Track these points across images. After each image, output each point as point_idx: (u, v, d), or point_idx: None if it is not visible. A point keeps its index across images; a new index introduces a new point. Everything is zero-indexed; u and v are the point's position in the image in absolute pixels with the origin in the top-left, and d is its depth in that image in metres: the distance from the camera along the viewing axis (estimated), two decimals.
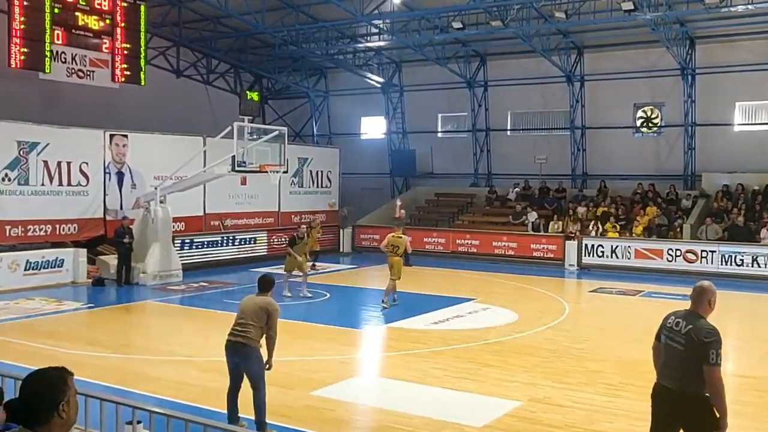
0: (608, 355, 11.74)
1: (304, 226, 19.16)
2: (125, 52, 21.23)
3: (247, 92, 21.47)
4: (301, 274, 17.35)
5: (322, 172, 28.76)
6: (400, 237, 16.48)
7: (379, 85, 31.52)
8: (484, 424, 8.25)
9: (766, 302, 18.40)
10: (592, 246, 23.46)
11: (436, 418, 8.38)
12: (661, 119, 27.22)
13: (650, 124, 27.42)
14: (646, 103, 27.38)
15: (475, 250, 25.77)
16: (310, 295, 17.08)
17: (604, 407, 8.89)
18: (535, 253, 24.59)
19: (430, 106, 31.49)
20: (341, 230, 28.50)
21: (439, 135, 32.09)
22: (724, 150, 25.74)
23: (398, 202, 24.85)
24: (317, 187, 28.55)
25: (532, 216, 26.00)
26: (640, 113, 27.53)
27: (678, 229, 23.67)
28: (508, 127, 30.46)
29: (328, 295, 17.75)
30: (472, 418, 8.41)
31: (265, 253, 24.83)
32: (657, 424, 5.87)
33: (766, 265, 20.93)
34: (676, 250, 22.30)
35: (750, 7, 21.60)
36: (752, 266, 21.14)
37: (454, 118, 31.74)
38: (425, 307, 15.90)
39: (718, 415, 5.48)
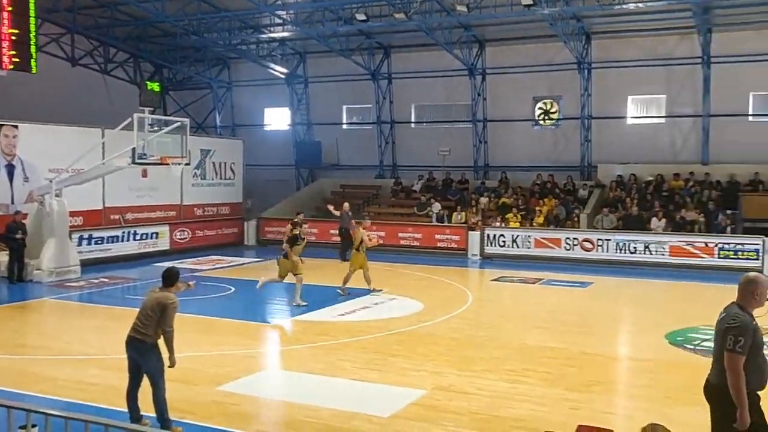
0: (510, 342, 12.07)
1: (302, 223, 17.71)
2: (13, 37, 20.13)
3: (147, 82, 20.91)
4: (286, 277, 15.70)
5: (225, 163, 28.25)
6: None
7: (283, 76, 31.22)
8: (391, 413, 8.34)
9: (657, 288, 19.34)
10: (494, 236, 24.03)
11: (344, 410, 8.41)
12: (559, 112, 28.13)
13: (549, 117, 28.30)
14: (545, 96, 28.23)
15: (381, 242, 25.87)
16: (305, 303, 15.08)
17: (506, 393, 9.14)
18: (439, 244, 24.98)
19: (335, 97, 31.45)
20: (245, 223, 28.13)
21: (345, 127, 32.11)
22: (618, 142, 26.87)
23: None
24: (220, 179, 28.03)
25: (436, 207, 26.40)
26: (539, 106, 28.36)
27: (575, 219, 24.56)
28: (412, 120, 30.79)
29: (233, 289, 17.50)
30: (379, 408, 8.48)
31: (168, 248, 24.24)
32: (712, 420, 5.67)
33: (657, 252, 21.98)
34: (574, 239, 23.13)
35: (641, 5, 22.62)
36: (644, 253, 22.16)
37: (359, 110, 31.81)
38: (331, 299, 15.90)
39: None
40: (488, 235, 24.09)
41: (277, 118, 33.22)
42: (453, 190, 27.90)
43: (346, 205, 23.10)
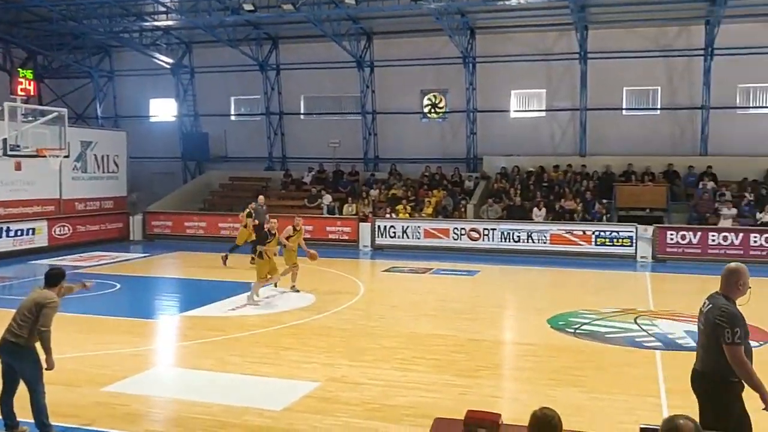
0: (401, 332, 12.28)
1: (272, 219, 16.70)
2: None
3: (20, 70, 19.76)
4: (270, 278, 15.03)
5: (108, 156, 27.14)
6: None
7: (168, 66, 30.35)
8: (284, 406, 8.33)
9: (540, 275, 20.13)
10: (385, 227, 24.32)
11: (236, 405, 8.34)
12: (446, 105, 28.73)
13: (436, 110, 28.86)
14: (432, 89, 28.76)
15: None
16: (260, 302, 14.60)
17: (398, 382, 9.31)
18: (330, 236, 25.03)
19: (223, 88, 30.88)
20: (130, 217, 27.21)
21: (233, 118, 31.58)
22: (501, 135, 27.74)
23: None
24: (103, 172, 26.93)
25: (327, 199, 26.45)
26: (426, 99, 28.87)
27: (462, 210, 25.20)
28: (302, 111, 30.64)
29: (119, 285, 16.89)
30: (271, 402, 8.46)
31: (46, 244, 23.15)
32: (699, 406, 5.78)
33: (539, 240, 22.87)
34: (461, 229, 23.72)
35: (522, 1, 23.42)
36: (527, 242, 23.01)
37: (247, 101, 31.36)
38: (222, 293, 15.66)
39: (758, 394, 5.39)
40: (379, 226, 24.35)
41: (163, 110, 32.26)
42: (343, 182, 28.01)
43: (261, 198, 22.78)
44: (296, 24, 27.06)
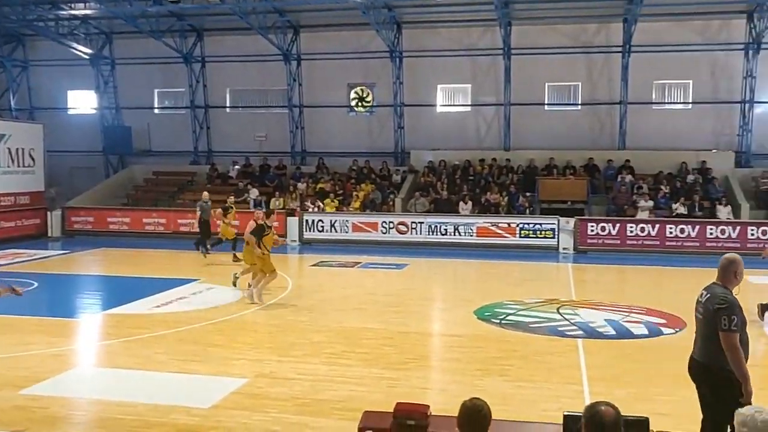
0: (330, 326, 12.28)
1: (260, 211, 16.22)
2: None
3: None
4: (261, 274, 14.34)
5: (23, 149, 26.10)
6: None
7: (87, 57, 29.41)
8: (212, 404, 8.23)
9: (466, 267, 20.44)
10: (313, 221, 24.24)
11: (162, 404, 8.18)
12: (373, 99, 28.81)
13: (363, 104, 28.90)
14: (359, 83, 28.79)
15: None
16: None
17: (327, 376, 9.32)
18: None
19: (145, 80, 30.15)
20: (49, 213, 26.29)
21: (156, 111, 30.88)
22: (428, 129, 28.01)
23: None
24: (18, 166, 25.88)
25: (254, 193, 26.19)
26: (353, 93, 28.88)
27: (390, 203, 25.34)
28: (227, 104, 30.21)
29: (36, 284, 16.30)
30: (199, 400, 8.34)
31: None
32: (699, 397, 5.86)
33: (466, 233, 23.21)
34: (390, 222, 23.85)
35: None
36: (455, 235, 23.32)
37: (171, 94, 30.72)
38: (146, 290, 15.31)
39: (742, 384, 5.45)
40: (307, 220, 24.25)
41: (83, 102, 31.27)
42: (270, 175, 27.78)
43: (206, 194, 22.37)
44: (221, 16, 26.65)
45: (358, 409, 6.32)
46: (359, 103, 28.92)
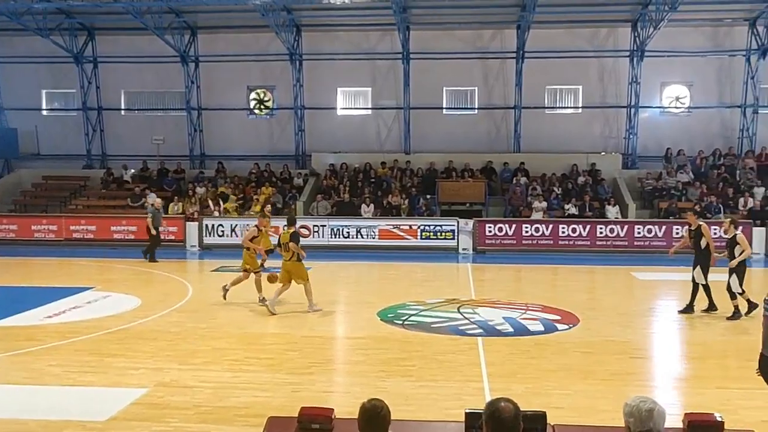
0: (233, 332, 12.11)
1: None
2: None
3: None
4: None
5: None
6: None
7: None
8: (109, 416, 7.98)
9: (369, 269, 20.59)
10: (213, 226, 23.83)
11: (56, 419, 7.86)
12: (273, 102, 28.61)
13: (263, 107, 28.66)
14: (259, 86, 28.55)
15: (92, 236, 24.41)
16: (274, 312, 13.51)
17: (230, 383, 9.20)
18: None
19: (33, 80, 28.88)
20: None
21: (45, 113, 29.61)
22: (329, 131, 28.07)
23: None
24: None
25: (152, 198, 25.46)
26: (253, 95, 28.59)
27: (292, 207, 25.21)
28: (122, 107, 29.30)
29: None
30: (95, 413, 8.07)
31: None
32: None
33: (368, 235, 23.38)
34: None
35: (347, 1, 23.81)
36: (357, 237, 23.46)
37: (61, 95, 29.55)
38: (37, 300, 14.64)
39: None
40: (207, 225, 23.82)
41: None
42: (169, 180, 27.13)
43: (158, 201, 21.47)
44: (114, 15, 25.83)
45: (262, 415, 6.28)
46: (259, 106, 28.65)
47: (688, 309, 13.34)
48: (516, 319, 12.89)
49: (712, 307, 13.26)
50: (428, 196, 25.15)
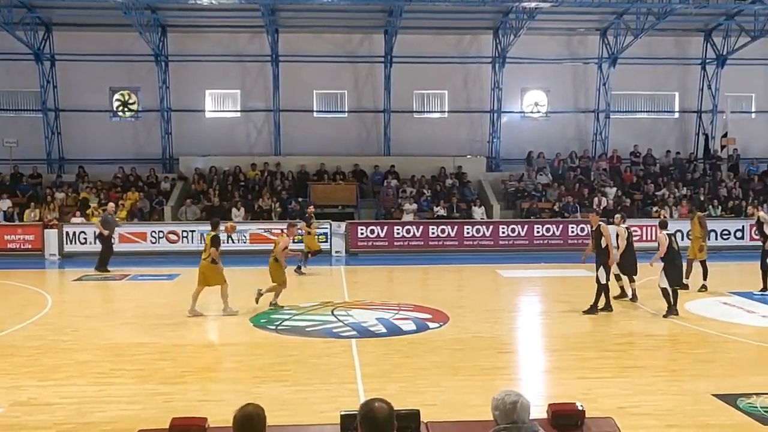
0: (98, 344, 11.60)
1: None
2: None
3: None
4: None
5: None
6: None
7: None
8: None
9: (241, 274, 20.22)
10: (75, 233, 22.72)
11: None
12: (138, 104, 27.64)
13: (127, 109, 27.63)
14: (123, 87, 27.51)
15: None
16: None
17: (95, 397, 8.81)
18: (10, 245, 22.74)
19: None
20: None
21: None
22: (198, 134, 27.45)
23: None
24: None
25: (5, 204, 24.04)
26: (116, 97, 27.51)
27: (160, 212, 24.45)
28: None
29: None
30: None
31: None
32: None
33: (239, 240, 23.00)
34: (159, 231, 23.01)
35: (213, 2, 23.37)
36: (228, 242, 22.77)
37: None
38: None
39: None
40: (67, 232, 22.68)
41: None
42: (24, 185, 25.62)
43: (111, 205, 19.86)
44: None
45: (131, 430, 6.07)
46: (123, 108, 27.60)
47: (592, 310, 13.22)
48: (389, 320, 13.10)
49: (608, 306, 13.27)
50: (300, 199, 25.09)
